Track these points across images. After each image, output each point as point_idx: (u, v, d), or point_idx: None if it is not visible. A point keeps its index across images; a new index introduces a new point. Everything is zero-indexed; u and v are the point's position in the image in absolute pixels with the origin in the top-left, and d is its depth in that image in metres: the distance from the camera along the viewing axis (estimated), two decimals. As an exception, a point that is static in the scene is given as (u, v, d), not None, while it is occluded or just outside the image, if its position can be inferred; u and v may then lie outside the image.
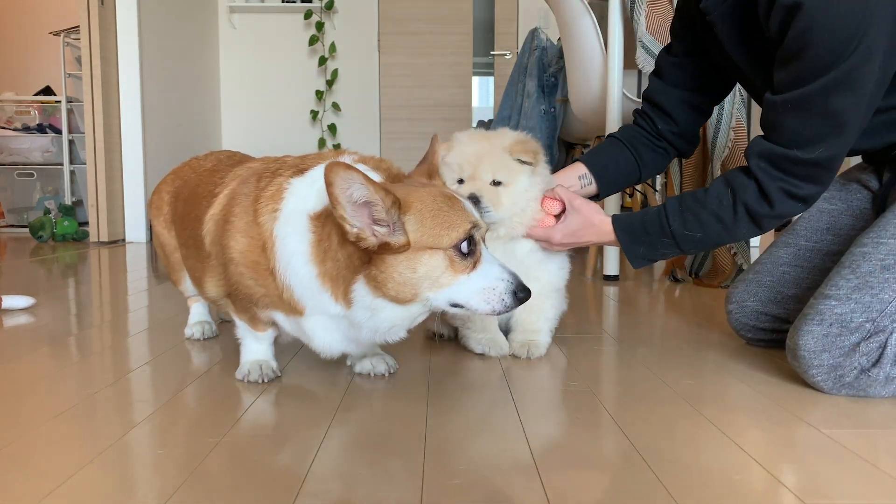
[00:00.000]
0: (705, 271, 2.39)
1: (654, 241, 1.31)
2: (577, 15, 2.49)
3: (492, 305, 1.03)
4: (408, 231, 0.99)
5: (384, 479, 0.83)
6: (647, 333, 1.63)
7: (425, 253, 1.00)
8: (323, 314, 1.09)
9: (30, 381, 1.22)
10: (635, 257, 1.35)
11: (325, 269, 1.04)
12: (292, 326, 1.16)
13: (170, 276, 1.54)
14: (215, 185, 1.25)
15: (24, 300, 1.91)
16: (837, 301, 1.15)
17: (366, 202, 0.96)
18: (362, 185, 0.95)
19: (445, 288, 1.02)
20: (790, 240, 1.45)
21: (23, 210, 4.80)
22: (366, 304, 1.03)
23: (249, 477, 0.83)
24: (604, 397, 1.14)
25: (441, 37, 5.19)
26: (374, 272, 1.00)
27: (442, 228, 1.00)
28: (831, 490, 0.79)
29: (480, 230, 1.04)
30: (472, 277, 1.02)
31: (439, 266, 1.00)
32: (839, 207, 1.41)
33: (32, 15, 5.34)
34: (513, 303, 1.03)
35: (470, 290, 1.02)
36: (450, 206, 1.02)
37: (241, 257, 1.11)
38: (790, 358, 1.20)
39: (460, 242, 1.00)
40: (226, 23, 5.14)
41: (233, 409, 1.08)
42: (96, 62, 3.84)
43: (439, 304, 1.04)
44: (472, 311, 1.04)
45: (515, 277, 1.04)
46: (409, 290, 1.01)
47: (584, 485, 0.81)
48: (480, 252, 1.04)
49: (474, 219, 1.03)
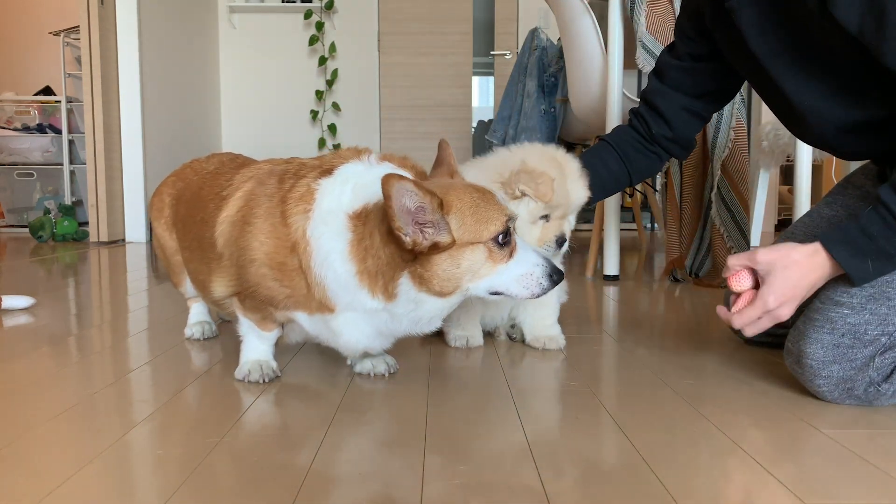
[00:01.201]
0: (705, 271, 2.39)
1: (884, 247, 1.03)
2: (577, 15, 2.49)
3: (530, 290, 1.08)
4: (452, 230, 1.03)
5: (384, 478, 0.83)
6: (647, 333, 1.63)
7: (467, 248, 1.04)
8: (355, 310, 1.10)
9: (30, 381, 1.22)
10: (864, 275, 1.06)
11: (364, 267, 1.06)
12: (315, 325, 1.16)
13: (170, 277, 1.54)
14: (222, 186, 1.26)
15: (24, 300, 1.91)
16: (851, 310, 1.06)
17: (417, 208, 1.00)
18: (415, 194, 0.99)
19: (485, 278, 1.06)
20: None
21: (23, 210, 4.80)
22: (410, 298, 1.06)
23: (249, 477, 0.83)
24: (604, 397, 1.14)
25: (441, 37, 5.19)
26: (419, 270, 1.04)
27: (481, 223, 1.04)
28: (831, 490, 0.79)
29: (514, 221, 1.09)
30: (511, 266, 1.07)
31: (480, 259, 1.05)
32: (839, 214, 1.35)
33: (32, 15, 5.35)
34: (549, 285, 1.08)
35: (509, 278, 1.07)
36: (486, 201, 1.07)
37: (266, 258, 1.11)
38: (792, 363, 1.14)
39: (498, 235, 1.05)
40: (226, 23, 5.14)
41: (233, 409, 1.08)
42: (96, 62, 3.85)
43: (478, 293, 1.09)
44: (512, 296, 1.09)
45: (549, 261, 1.10)
46: (452, 284, 1.05)
47: (584, 485, 0.81)
48: (515, 241, 1.09)
49: (509, 211, 1.08)
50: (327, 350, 1.45)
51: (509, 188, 1.31)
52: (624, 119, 2.43)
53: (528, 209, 1.32)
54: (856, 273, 1.05)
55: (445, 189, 1.05)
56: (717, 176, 2.30)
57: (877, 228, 1.03)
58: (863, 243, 1.04)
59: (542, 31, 3.39)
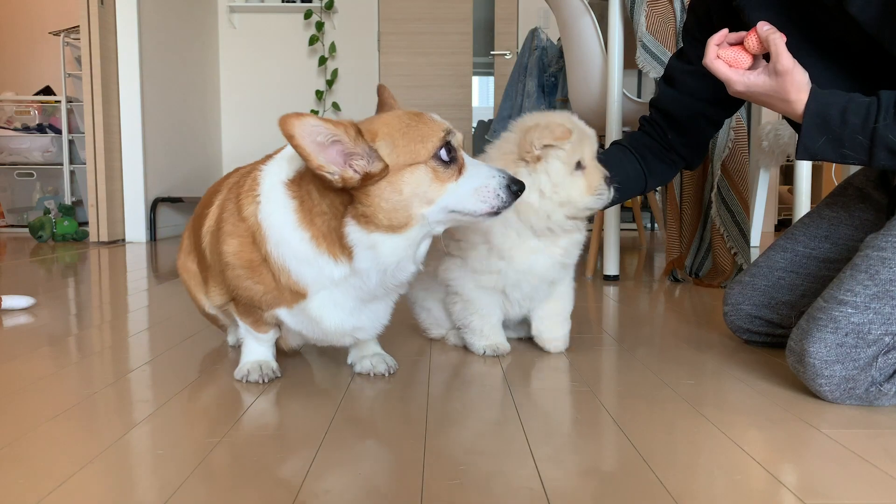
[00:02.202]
0: (705, 271, 2.39)
1: (842, 137, 1.08)
2: (577, 15, 2.49)
3: (489, 203, 1.03)
4: (383, 156, 0.99)
5: (384, 478, 0.83)
6: (647, 333, 1.63)
7: (405, 171, 1.00)
8: (327, 287, 1.08)
9: (30, 381, 1.22)
10: (806, 148, 1.12)
11: (316, 230, 1.04)
12: (298, 319, 1.15)
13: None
14: (208, 202, 1.26)
15: (24, 300, 1.91)
16: (854, 309, 1.06)
17: (333, 142, 0.96)
18: (322, 126, 0.95)
19: (437, 200, 1.02)
20: (787, 244, 1.41)
21: (23, 210, 4.80)
22: (364, 244, 1.02)
23: (249, 477, 0.83)
24: (604, 397, 1.14)
25: (441, 37, 5.19)
26: (360, 209, 1.00)
27: (415, 143, 1.00)
28: (831, 490, 0.79)
29: (456, 137, 1.04)
30: (462, 182, 1.03)
31: (424, 180, 1.01)
32: (839, 215, 1.37)
33: (32, 15, 5.35)
34: (509, 197, 1.03)
35: (463, 194, 1.03)
36: (418, 121, 1.03)
37: (236, 259, 1.11)
38: (793, 361, 1.13)
39: (438, 151, 1.01)
40: (226, 23, 5.14)
41: (233, 409, 1.08)
42: (96, 62, 3.85)
43: (438, 218, 1.04)
44: (471, 214, 1.04)
45: (505, 173, 1.05)
46: (401, 213, 1.01)
47: (584, 484, 0.81)
48: (462, 158, 1.04)
49: (446, 125, 1.04)
50: (327, 350, 1.45)
51: (529, 152, 1.25)
52: (624, 119, 2.43)
53: (560, 160, 1.26)
54: (803, 141, 1.11)
55: (371, 120, 1.03)
56: (717, 176, 2.30)
57: (854, 120, 1.06)
58: (834, 125, 1.08)
59: (542, 31, 3.39)
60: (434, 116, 1.06)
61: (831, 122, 1.08)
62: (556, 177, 1.26)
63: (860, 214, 1.35)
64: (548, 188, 1.27)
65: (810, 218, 1.41)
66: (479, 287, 1.36)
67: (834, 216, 1.37)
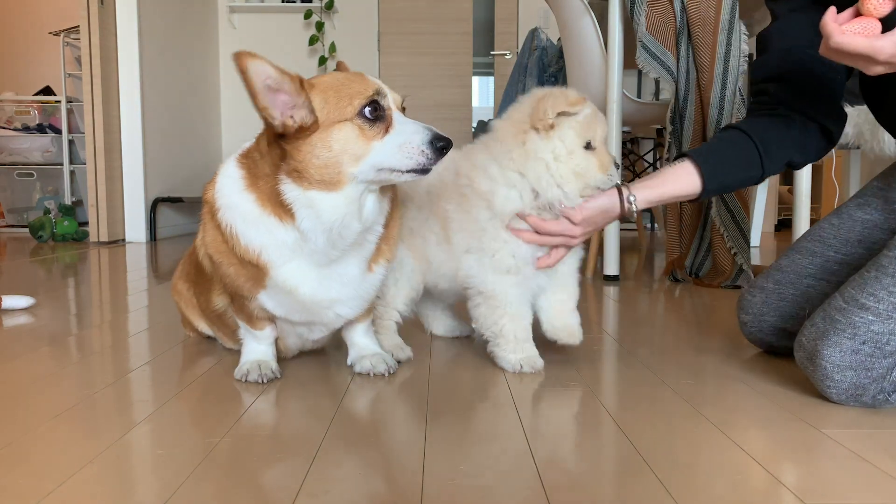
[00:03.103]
0: (705, 271, 2.39)
1: None
2: (577, 15, 2.49)
3: (414, 159, 1.04)
4: (315, 110, 1.03)
5: (384, 478, 0.83)
6: (647, 333, 1.63)
7: (334, 128, 1.03)
8: (287, 259, 1.10)
9: (30, 381, 1.22)
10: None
11: (259, 192, 1.08)
12: (277, 300, 1.16)
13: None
14: None
15: (24, 300, 1.91)
16: (876, 316, 1.01)
17: (278, 89, 1.01)
18: (272, 70, 1.00)
19: (365, 158, 1.04)
20: (816, 248, 1.28)
21: (23, 210, 4.80)
22: (302, 202, 1.05)
23: (249, 477, 0.83)
24: (604, 397, 1.14)
25: (441, 37, 5.19)
26: (293, 164, 1.04)
27: (344, 99, 1.04)
28: (831, 490, 0.79)
29: (385, 97, 1.07)
30: (387, 139, 1.05)
31: (351, 137, 1.04)
32: (874, 218, 1.25)
33: (32, 15, 5.34)
34: (434, 154, 1.05)
35: (387, 152, 1.04)
36: (351, 80, 1.06)
37: (213, 248, 1.15)
38: (803, 358, 1.08)
39: (363, 108, 1.03)
40: (226, 23, 5.14)
41: (233, 409, 1.08)
42: (96, 62, 3.85)
43: (369, 177, 1.05)
44: (398, 171, 1.05)
45: (431, 130, 1.06)
46: (331, 169, 1.04)
47: (584, 485, 0.81)
48: (392, 117, 1.07)
49: (377, 86, 1.06)
50: (327, 351, 1.45)
51: (542, 119, 1.19)
52: (624, 119, 2.43)
53: (574, 130, 1.20)
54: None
55: (316, 76, 1.07)
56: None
57: None
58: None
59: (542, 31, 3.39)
60: (370, 78, 1.09)
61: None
62: (570, 145, 1.20)
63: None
64: (563, 154, 1.20)
65: (840, 219, 1.29)
66: (501, 276, 1.25)
67: (868, 219, 1.26)
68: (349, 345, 1.32)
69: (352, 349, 1.31)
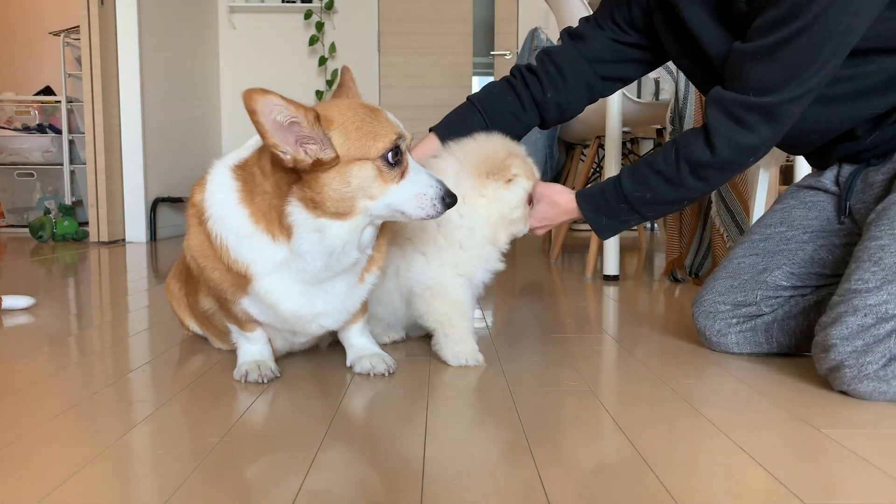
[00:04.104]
0: (705, 271, 2.39)
1: (613, 208, 1.35)
2: (577, 15, 2.49)
3: (426, 210, 1.08)
4: (335, 145, 1.01)
5: (384, 478, 0.83)
6: (647, 333, 1.63)
7: (354, 165, 1.03)
8: (272, 272, 1.10)
9: (30, 381, 1.22)
10: (600, 228, 1.40)
11: (255, 207, 1.07)
12: (260, 308, 1.17)
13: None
14: None
15: (24, 300, 1.91)
16: (868, 293, 1.12)
17: (290, 123, 0.98)
18: (284, 106, 0.97)
19: (380, 198, 1.05)
20: (744, 239, 1.48)
21: (23, 210, 4.80)
22: (310, 227, 1.05)
23: (249, 477, 0.83)
24: (604, 397, 1.14)
25: (441, 37, 5.19)
26: (309, 193, 1.03)
27: (367, 139, 1.03)
28: (832, 490, 0.79)
29: (406, 140, 1.08)
30: (403, 186, 1.07)
31: (369, 177, 1.04)
32: (790, 203, 1.46)
33: (32, 15, 5.35)
34: (442, 208, 1.09)
35: (403, 198, 1.07)
36: (373, 117, 1.05)
37: (198, 252, 1.15)
38: (818, 351, 1.16)
39: (387, 153, 1.04)
40: (226, 23, 5.14)
41: (232, 409, 1.08)
42: (96, 62, 3.85)
43: (380, 213, 1.08)
44: (407, 216, 1.09)
45: (443, 185, 1.10)
46: (346, 203, 1.04)
47: (584, 484, 0.81)
48: (407, 162, 1.08)
49: (399, 129, 1.07)
50: (327, 351, 1.45)
51: (503, 174, 1.32)
52: (624, 119, 2.43)
53: (524, 189, 1.35)
54: (594, 226, 1.40)
55: (328, 105, 1.05)
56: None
57: (610, 195, 1.35)
58: (601, 204, 1.37)
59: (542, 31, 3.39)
60: (389, 116, 1.09)
61: (599, 203, 1.37)
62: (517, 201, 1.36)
63: (810, 199, 1.43)
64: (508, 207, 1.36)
65: (762, 217, 1.50)
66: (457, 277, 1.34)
67: (784, 206, 1.46)
68: (346, 346, 1.32)
69: (350, 350, 1.32)
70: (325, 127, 1.01)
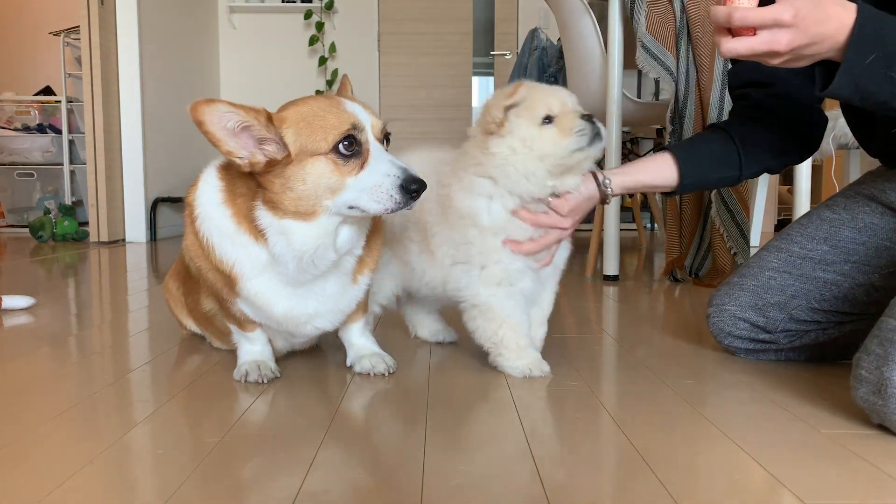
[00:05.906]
0: (705, 271, 2.39)
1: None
2: (577, 15, 2.49)
3: (382, 204, 1.01)
4: (287, 143, 1.00)
5: (384, 479, 0.83)
6: (647, 333, 1.63)
7: (308, 162, 1.01)
8: (259, 272, 1.10)
9: (30, 381, 1.22)
10: (850, 67, 0.95)
11: (237, 209, 1.08)
12: (252, 310, 1.17)
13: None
14: None
15: (24, 300, 1.91)
16: None
17: (243, 127, 0.98)
18: (232, 111, 0.97)
19: (340, 194, 1.02)
20: (782, 245, 1.34)
21: (23, 210, 4.80)
22: (275, 229, 1.05)
23: (249, 477, 0.83)
24: (604, 397, 1.14)
25: (441, 37, 5.19)
26: (268, 195, 1.03)
27: (318, 133, 1.01)
28: (831, 490, 0.79)
29: (362, 131, 1.03)
30: (360, 178, 1.02)
31: (325, 172, 1.01)
32: (842, 217, 1.30)
33: (32, 15, 5.35)
34: (403, 199, 1.00)
35: (360, 192, 1.01)
36: (326, 110, 1.02)
37: (193, 253, 1.15)
38: (867, 393, 0.96)
39: (337, 144, 1.01)
40: (226, 23, 5.14)
41: (232, 409, 1.08)
42: (96, 62, 3.85)
43: (341, 211, 1.04)
44: (366, 212, 1.03)
45: (404, 171, 1.01)
46: (306, 202, 1.02)
47: (584, 485, 0.81)
48: (368, 151, 1.03)
49: (355, 119, 1.02)
50: (327, 351, 1.45)
51: (492, 122, 1.18)
52: (624, 119, 2.43)
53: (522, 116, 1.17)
54: (854, 50, 0.93)
55: (288, 104, 1.05)
56: (717, 176, 2.30)
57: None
58: (890, 34, 0.93)
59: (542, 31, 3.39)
60: (348, 106, 1.04)
61: (887, 35, 0.93)
62: (523, 131, 1.17)
63: (865, 218, 1.28)
64: (518, 144, 1.17)
65: (808, 219, 1.34)
66: (492, 288, 1.23)
67: (835, 218, 1.30)
68: (347, 346, 1.32)
69: (350, 350, 1.31)
70: (279, 126, 1.01)
